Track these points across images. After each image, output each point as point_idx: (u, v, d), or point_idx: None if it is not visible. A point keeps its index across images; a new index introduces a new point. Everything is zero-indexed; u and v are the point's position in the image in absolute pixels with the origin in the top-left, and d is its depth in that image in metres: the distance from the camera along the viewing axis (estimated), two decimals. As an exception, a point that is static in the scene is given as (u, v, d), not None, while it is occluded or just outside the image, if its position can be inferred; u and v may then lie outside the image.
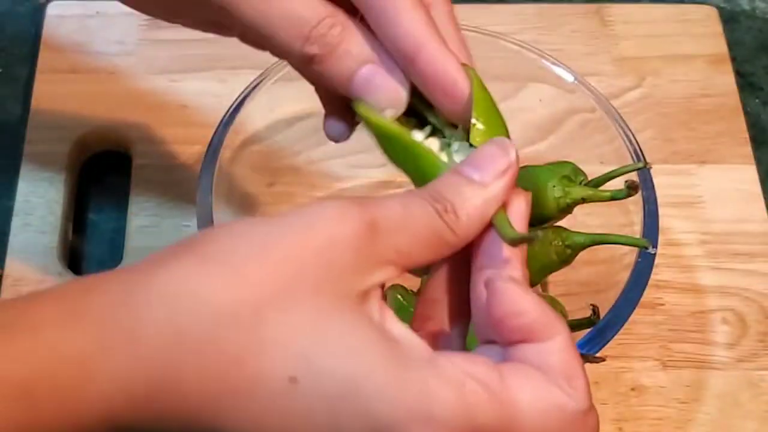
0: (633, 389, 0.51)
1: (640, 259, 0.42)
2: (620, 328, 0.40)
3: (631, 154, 0.46)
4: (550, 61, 0.50)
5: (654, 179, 0.45)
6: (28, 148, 0.58)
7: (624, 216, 0.45)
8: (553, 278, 0.48)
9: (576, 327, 0.41)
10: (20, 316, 0.26)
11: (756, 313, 0.54)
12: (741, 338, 0.53)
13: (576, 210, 0.44)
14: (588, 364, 0.38)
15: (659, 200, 0.44)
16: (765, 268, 0.55)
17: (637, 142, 0.46)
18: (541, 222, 0.44)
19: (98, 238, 0.58)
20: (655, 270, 0.42)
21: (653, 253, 0.42)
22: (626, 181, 0.40)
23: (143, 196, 0.57)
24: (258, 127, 0.46)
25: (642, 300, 0.41)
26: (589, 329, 0.40)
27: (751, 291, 0.55)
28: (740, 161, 0.60)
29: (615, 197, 0.41)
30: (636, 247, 0.42)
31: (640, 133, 0.49)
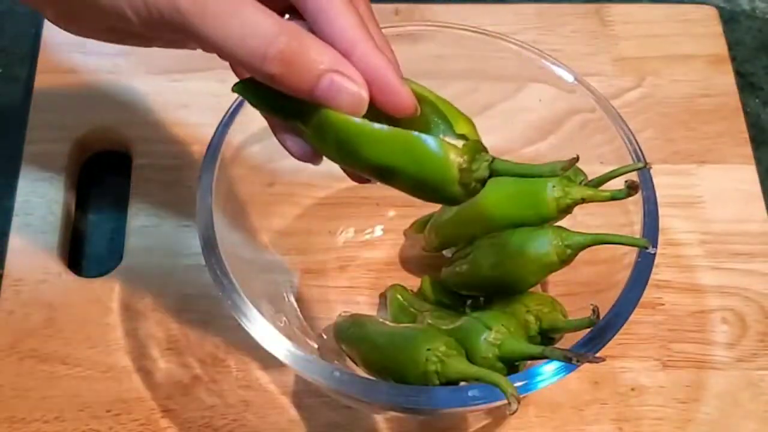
0: (633, 389, 0.51)
1: (640, 259, 0.42)
2: (620, 328, 0.40)
3: (631, 154, 0.46)
4: (550, 61, 0.50)
5: (654, 179, 0.45)
6: (28, 148, 0.58)
7: (624, 216, 0.45)
8: (553, 278, 0.48)
9: (576, 327, 0.42)
10: None
11: (756, 313, 0.54)
12: (741, 338, 0.53)
13: (576, 210, 0.44)
14: (588, 364, 0.38)
15: (659, 200, 0.44)
16: (765, 268, 0.56)
17: (637, 142, 0.46)
18: (542, 222, 0.44)
19: (98, 238, 0.58)
20: (655, 270, 0.42)
21: (653, 252, 0.42)
22: (626, 181, 0.40)
23: (143, 196, 0.57)
24: (258, 127, 0.46)
25: (642, 300, 0.41)
26: (589, 329, 0.40)
27: (751, 291, 0.55)
28: (740, 161, 0.60)
29: (615, 197, 0.41)
30: (636, 247, 0.42)
31: (640, 133, 0.49)
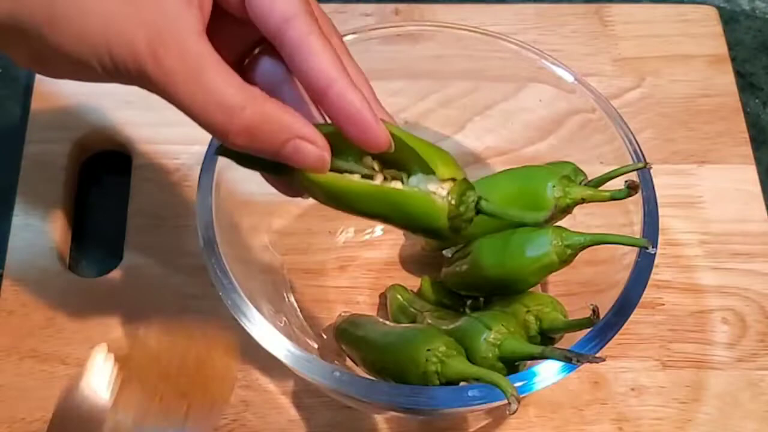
0: (633, 389, 0.51)
1: (640, 259, 0.42)
2: (620, 328, 0.40)
3: (631, 154, 0.46)
4: (550, 61, 0.50)
5: (654, 179, 0.45)
6: (28, 148, 0.58)
7: (624, 216, 0.45)
8: (553, 278, 0.48)
9: (576, 327, 0.41)
10: None
11: (756, 313, 0.54)
12: (741, 338, 0.53)
13: (576, 210, 0.44)
14: (588, 364, 0.38)
15: (659, 200, 0.44)
16: (765, 268, 0.55)
17: (637, 142, 0.46)
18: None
19: (98, 238, 0.58)
20: (655, 270, 0.42)
21: (653, 252, 0.42)
22: (626, 181, 0.40)
23: (143, 196, 0.56)
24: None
25: (642, 300, 0.41)
26: (589, 329, 0.40)
27: (751, 291, 0.55)
28: (740, 161, 0.60)
29: (615, 197, 0.41)
30: (636, 247, 0.42)
31: (640, 133, 0.50)
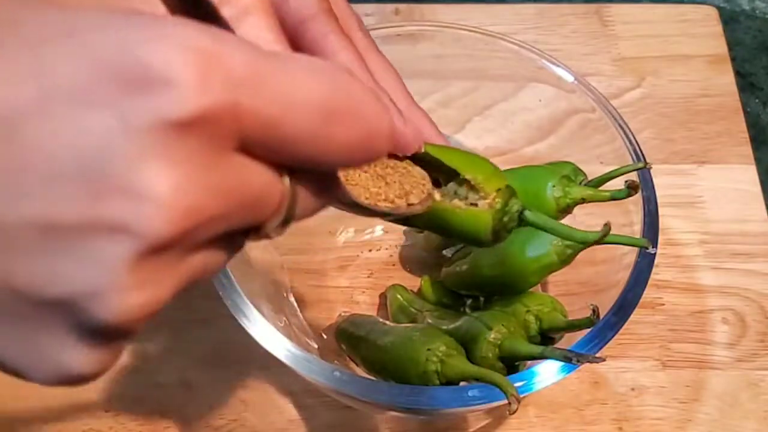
0: (633, 389, 0.51)
1: (640, 259, 0.42)
2: (620, 328, 0.40)
3: (631, 154, 0.46)
4: (550, 61, 0.50)
5: (654, 179, 0.45)
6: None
7: (624, 216, 0.45)
8: (553, 278, 0.48)
9: (576, 327, 0.41)
10: None
11: (756, 313, 0.54)
12: (741, 338, 0.53)
13: (576, 210, 0.44)
14: (588, 364, 0.38)
15: (659, 200, 0.44)
16: (765, 268, 0.55)
17: (637, 142, 0.46)
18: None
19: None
20: (655, 270, 0.42)
21: (653, 252, 0.42)
22: (626, 181, 0.40)
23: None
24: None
25: (642, 300, 0.41)
26: (589, 329, 0.40)
27: (751, 291, 0.55)
28: (740, 161, 0.60)
29: (615, 197, 0.41)
30: (636, 247, 0.42)
31: (639, 133, 0.50)
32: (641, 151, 0.46)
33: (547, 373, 0.39)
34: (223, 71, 0.20)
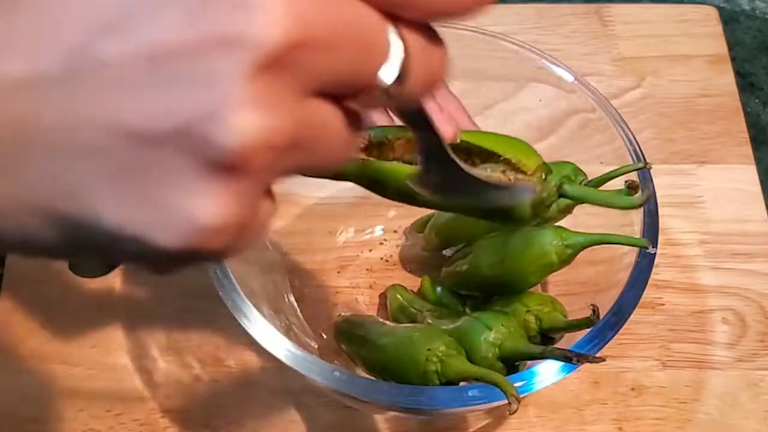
0: (633, 389, 0.51)
1: (640, 259, 0.42)
2: (620, 328, 0.40)
3: (631, 154, 0.46)
4: (550, 61, 0.50)
5: (654, 179, 0.45)
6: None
7: (624, 216, 0.45)
8: (553, 278, 0.48)
9: (576, 327, 0.41)
10: None
11: (756, 313, 0.54)
12: (741, 338, 0.53)
13: (576, 210, 0.44)
14: (588, 364, 0.38)
15: (659, 200, 0.44)
16: (765, 268, 0.55)
17: (637, 142, 0.46)
18: (541, 222, 0.44)
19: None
20: (655, 270, 0.42)
21: (653, 252, 0.42)
22: (626, 181, 0.40)
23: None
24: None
25: (642, 300, 0.41)
26: (589, 329, 0.40)
27: (751, 291, 0.55)
28: (740, 161, 0.60)
29: (615, 197, 0.41)
30: (636, 247, 0.42)
31: (639, 133, 0.50)
32: (641, 151, 0.46)
33: (547, 373, 0.39)
34: None
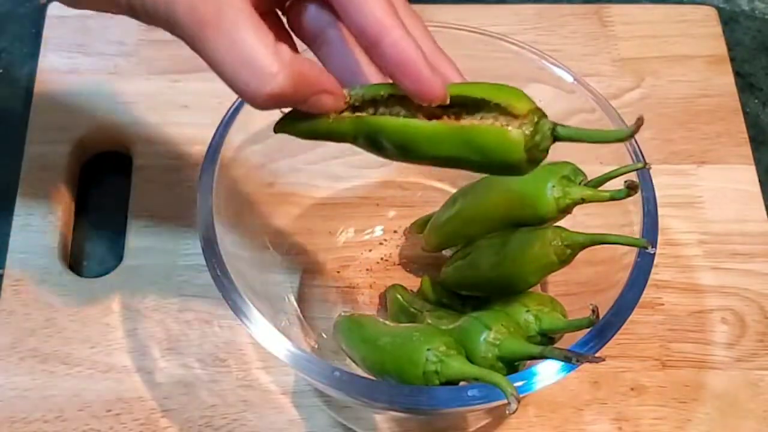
0: (632, 389, 0.51)
1: (639, 259, 0.42)
2: (620, 328, 0.40)
3: (631, 154, 0.46)
4: (549, 61, 0.50)
5: (654, 179, 0.45)
6: (29, 148, 0.58)
7: (624, 216, 0.45)
8: (553, 278, 0.48)
9: (576, 327, 0.41)
10: None
11: (755, 313, 0.54)
12: (740, 338, 0.53)
13: (576, 210, 0.44)
14: (588, 364, 0.38)
15: (659, 200, 0.44)
16: (764, 268, 0.56)
17: (637, 143, 0.46)
18: (541, 222, 0.44)
19: (98, 238, 0.58)
20: (654, 270, 0.42)
21: (653, 252, 0.42)
22: (626, 181, 0.40)
23: (143, 197, 0.57)
24: (258, 127, 0.46)
25: (642, 300, 0.41)
26: (589, 329, 0.40)
27: (751, 291, 0.55)
28: (739, 161, 0.60)
29: (614, 197, 0.41)
30: (636, 247, 0.42)
31: (639, 134, 0.49)
32: (641, 152, 0.46)
33: (546, 373, 0.39)
34: None
